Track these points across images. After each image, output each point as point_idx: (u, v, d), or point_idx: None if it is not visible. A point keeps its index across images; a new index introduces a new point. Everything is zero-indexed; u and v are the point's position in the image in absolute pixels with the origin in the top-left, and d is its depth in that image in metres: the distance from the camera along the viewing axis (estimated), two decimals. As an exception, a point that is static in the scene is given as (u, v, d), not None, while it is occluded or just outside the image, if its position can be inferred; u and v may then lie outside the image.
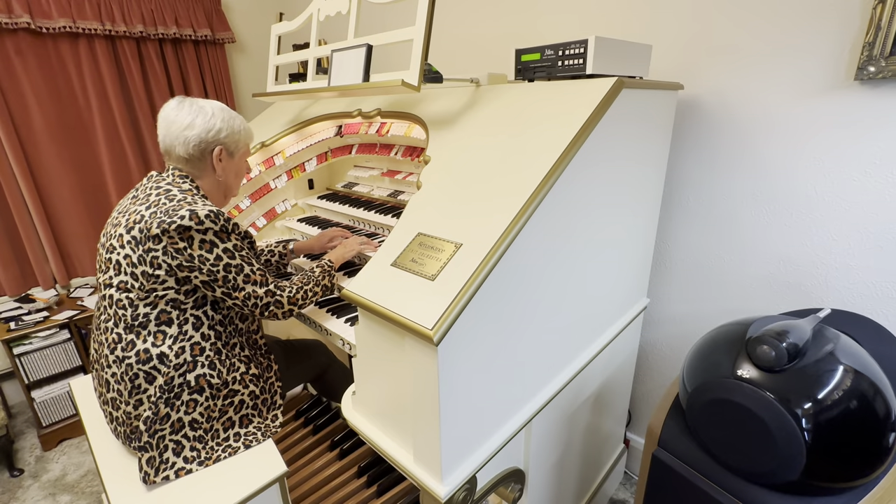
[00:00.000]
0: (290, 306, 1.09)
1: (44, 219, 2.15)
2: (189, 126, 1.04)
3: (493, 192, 0.87)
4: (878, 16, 0.97)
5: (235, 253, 1.00)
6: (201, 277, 0.98)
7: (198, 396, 1.02)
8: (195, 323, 1.02)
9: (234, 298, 1.01)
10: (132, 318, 0.98)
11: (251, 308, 1.04)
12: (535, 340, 0.94)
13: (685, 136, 1.36)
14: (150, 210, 0.97)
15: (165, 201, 0.98)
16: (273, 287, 1.06)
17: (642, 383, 1.72)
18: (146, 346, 0.98)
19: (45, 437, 2.06)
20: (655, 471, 0.90)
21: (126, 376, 0.99)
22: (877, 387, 0.71)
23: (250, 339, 1.17)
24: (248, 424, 1.12)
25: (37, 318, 2.04)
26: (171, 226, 0.93)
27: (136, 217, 0.98)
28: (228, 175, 1.14)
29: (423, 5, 1.03)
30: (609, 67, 1.00)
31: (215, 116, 1.07)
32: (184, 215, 0.94)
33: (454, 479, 0.82)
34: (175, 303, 1.00)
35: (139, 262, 0.96)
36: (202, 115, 1.05)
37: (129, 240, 0.97)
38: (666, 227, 1.47)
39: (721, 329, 0.87)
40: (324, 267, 1.19)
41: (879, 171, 1.07)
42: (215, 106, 1.09)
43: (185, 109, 1.06)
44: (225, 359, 1.06)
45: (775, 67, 1.16)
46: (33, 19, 1.96)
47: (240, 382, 1.09)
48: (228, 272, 0.99)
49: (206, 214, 0.95)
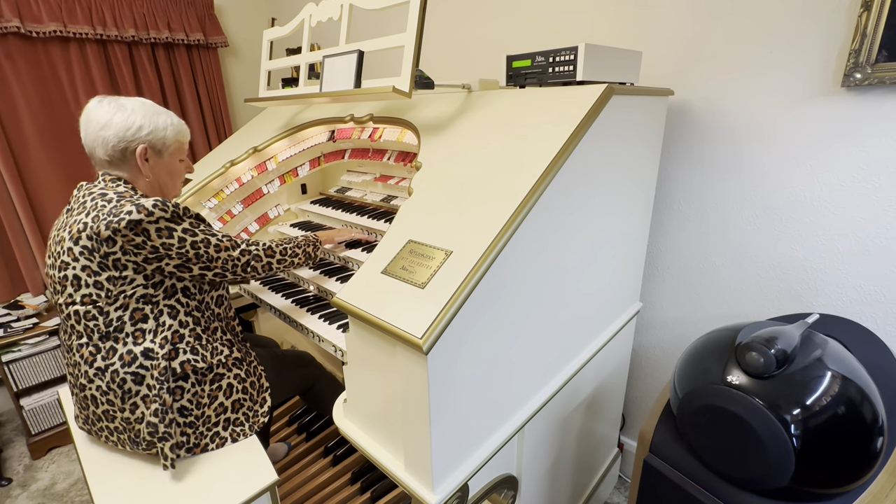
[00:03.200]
0: (267, 259, 1.11)
1: (33, 224, 2.13)
2: (105, 125, 0.98)
3: (483, 200, 0.87)
4: (864, 24, 0.99)
5: (195, 230, 0.98)
6: (174, 262, 0.96)
7: (183, 383, 1.01)
8: (170, 312, 1.01)
9: (213, 269, 1.01)
10: (105, 325, 0.96)
11: (232, 271, 1.05)
12: (526, 347, 0.94)
13: (676, 141, 1.37)
14: (91, 216, 0.93)
15: (104, 203, 0.94)
16: (246, 245, 1.08)
17: (636, 387, 1.72)
18: (128, 347, 0.97)
19: (34, 446, 2.03)
20: (647, 477, 0.90)
21: (114, 384, 0.97)
22: (864, 392, 0.72)
23: (228, 324, 1.17)
24: (238, 409, 1.11)
25: (26, 324, 2.01)
26: (121, 223, 0.89)
27: (78, 226, 0.93)
28: (159, 175, 1.08)
29: (414, 12, 1.03)
30: (599, 74, 1.01)
31: (135, 113, 1.00)
32: (130, 210, 0.90)
33: (445, 488, 0.82)
34: (146, 298, 0.98)
35: (101, 268, 0.93)
36: (121, 113, 0.99)
37: (80, 251, 0.93)
38: (658, 231, 1.48)
39: (711, 335, 0.88)
40: (308, 237, 1.23)
41: (866, 177, 1.08)
42: (136, 103, 1.02)
43: (104, 108, 1.00)
44: (206, 343, 1.06)
45: (764, 73, 1.17)
46: (23, 23, 1.94)
47: (224, 366, 1.08)
48: (197, 249, 0.98)
49: (153, 205, 0.92)
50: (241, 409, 1.11)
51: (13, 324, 2.01)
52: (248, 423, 1.12)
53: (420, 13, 1.03)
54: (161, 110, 1.06)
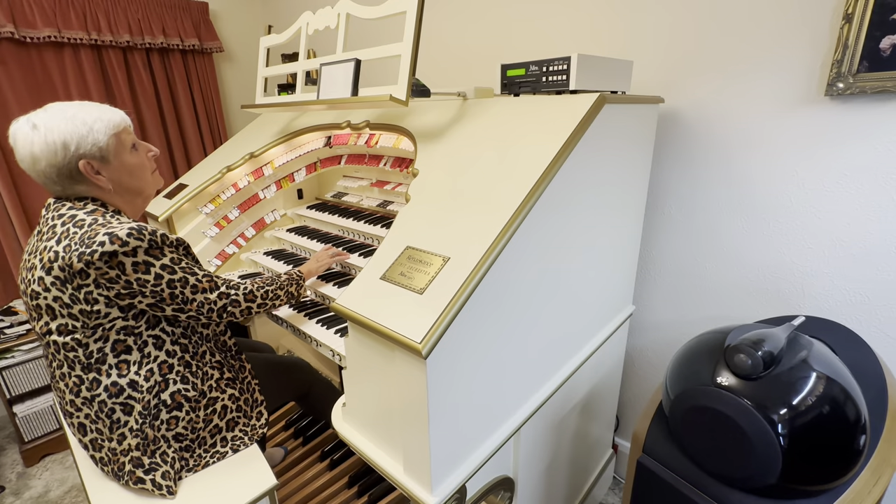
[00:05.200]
0: (247, 304, 1.03)
1: (27, 230, 2.12)
2: (35, 159, 0.88)
3: (480, 206, 0.89)
4: (846, 35, 1.02)
5: (175, 267, 0.91)
6: (146, 301, 0.91)
7: (177, 413, 1.00)
8: (155, 343, 0.97)
9: (187, 312, 0.96)
10: (86, 356, 0.91)
11: (207, 315, 0.98)
12: (522, 350, 0.96)
13: (667, 147, 1.40)
14: (62, 244, 0.87)
15: (76, 230, 0.88)
16: (225, 288, 1.00)
17: (629, 389, 1.75)
18: (112, 379, 0.93)
19: (27, 453, 2.02)
20: (641, 476, 0.92)
21: (102, 413, 0.94)
22: (848, 392, 0.74)
23: (218, 341, 1.13)
24: (234, 427, 1.10)
25: (19, 330, 2.00)
26: (94, 255, 0.83)
27: (49, 255, 0.87)
28: (120, 179, 0.97)
29: (411, 22, 1.05)
30: (592, 83, 1.03)
31: (52, 132, 0.87)
32: (103, 241, 0.83)
33: (444, 490, 0.83)
34: (127, 329, 0.93)
35: (72, 301, 0.87)
36: (38, 141, 0.87)
37: (52, 281, 0.87)
38: (650, 235, 1.51)
39: (701, 338, 0.90)
40: (292, 275, 1.18)
41: (850, 183, 1.11)
42: (46, 116, 0.89)
43: (21, 138, 0.89)
44: (196, 370, 1.03)
45: (752, 82, 1.20)
46: (17, 29, 1.94)
47: (217, 389, 1.07)
48: (174, 288, 0.91)
49: (127, 234, 0.85)
50: (238, 427, 1.12)
51: (6, 330, 1.99)
52: (247, 436, 1.13)
53: (417, 23, 1.05)
54: (73, 111, 0.91)
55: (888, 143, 1.04)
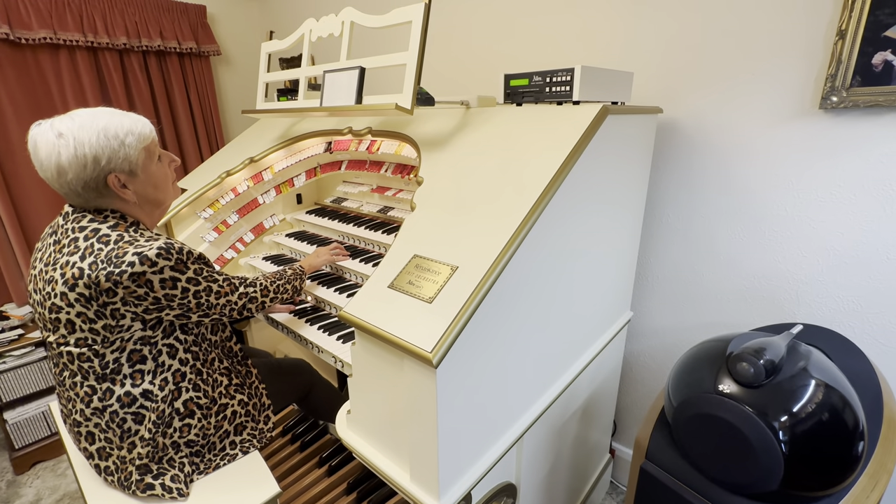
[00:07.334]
0: (262, 299, 1.12)
1: (19, 233, 2.09)
2: (59, 171, 0.85)
3: (486, 215, 0.90)
4: (839, 51, 1.05)
5: (199, 278, 0.94)
6: (174, 313, 0.94)
7: (190, 420, 1.01)
8: (169, 352, 0.98)
9: (211, 316, 1.01)
10: (101, 367, 0.91)
11: (230, 315, 1.05)
12: (527, 358, 0.97)
13: (665, 156, 1.42)
14: (87, 261, 0.86)
15: (101, 246, 0.87)
16: (243, 288, 1.07)
17: (627, 394, 1.76)
18: (126, 389, 0.93)
19: (17, 461, 1.98)
20: (643, 483, 0.93)
21: (113, 423, 0.94)
22: (846, 399, 0.76)
23: (225, 347, 1.16)
24: (242, 431, 1.12)
25: (11, 335, 1.96)
26: (123, 276, 0.84)
27: (74, 272, 0.85)
28: (145, 192, 0.96)
29: (417, 32, 1.06)
30: (594, 94, 1.05)
31: (83, 146, 0.84)
32: (132, 262, 0.84)
33: (451, 497, 0.84)
34: (143, 339, 0.94)
35: (97, 317, 0.87)
36: (66, 153, 0.84)
37: (76, 298, 0.86)
38: (648, 243, 1.53)
39: (702, 346, 0.92)
40: (296, 270, 1.26)
41: (843, 193, 1.14)
42: (74, 126, 0.85)
43: (42, 149, 0.85)
44: (207, 377, 1.05)
45: (748, 95, 1.23)
46: (12, 30, 1.91)
47: (226, 395, 1.09)
48: (199, 298, 0.95)
49: (156, 254, 0.86)
50: (246, 431, 1.13)
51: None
52: (255, 440, 1.14)
53: (422, 33, 1.06)
54: (104, 123, 0.87)
55: (880, 155, 1.07)
